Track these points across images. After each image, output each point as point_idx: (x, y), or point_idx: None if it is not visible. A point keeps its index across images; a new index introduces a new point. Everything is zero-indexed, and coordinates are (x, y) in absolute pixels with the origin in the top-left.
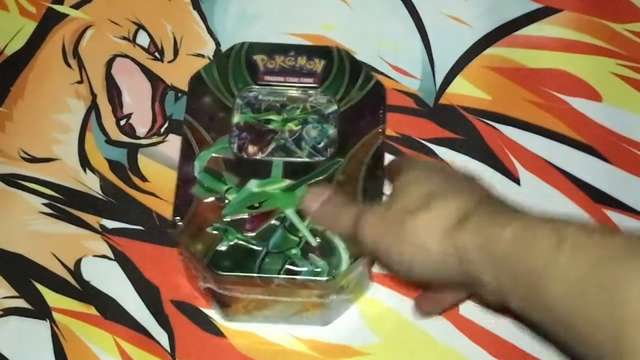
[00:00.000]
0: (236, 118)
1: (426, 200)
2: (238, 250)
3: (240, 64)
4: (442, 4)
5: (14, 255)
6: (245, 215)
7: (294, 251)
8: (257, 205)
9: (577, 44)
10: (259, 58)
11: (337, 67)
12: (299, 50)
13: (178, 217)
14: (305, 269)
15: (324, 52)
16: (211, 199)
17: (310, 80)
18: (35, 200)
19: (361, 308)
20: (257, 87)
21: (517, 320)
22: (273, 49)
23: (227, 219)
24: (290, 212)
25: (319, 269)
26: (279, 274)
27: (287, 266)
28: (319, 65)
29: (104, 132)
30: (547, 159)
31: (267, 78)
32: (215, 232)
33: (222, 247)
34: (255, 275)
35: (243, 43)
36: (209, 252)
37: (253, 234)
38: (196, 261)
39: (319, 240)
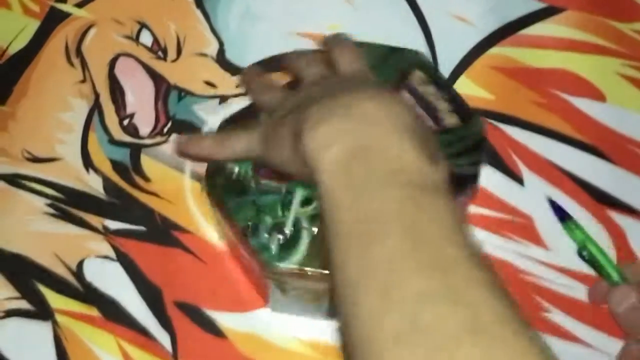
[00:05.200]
0: None
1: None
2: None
3: None
4: (446, 3)
5: (16, 256)
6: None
7: (268, 219)
8: None
9: (581, 43)
10: None
11: None
12: None
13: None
14: (263, 240)
15: None
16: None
17: None
18: (38, 200)
19: None
20: None
21: None
22: None
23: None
24: (298, 193)
25: (269, 248)
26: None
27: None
28: None
29: (107, 131)
30: (550, 159)
31: None
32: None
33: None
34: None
35: None
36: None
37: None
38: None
39: (292, 230)
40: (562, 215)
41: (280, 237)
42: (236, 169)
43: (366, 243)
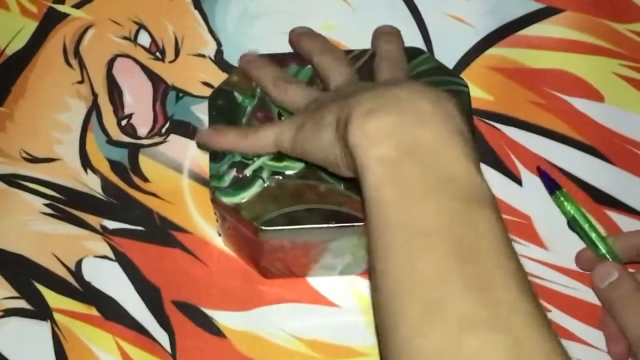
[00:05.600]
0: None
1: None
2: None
3: None
4: (443, 3)
5: (15, 256)
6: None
7: (237, 155)
8: None
9: (579, 44)
10: None
11: None
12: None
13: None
14: (221, 169)
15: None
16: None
17: None
18: (36, 200)
19: (362, 308)
20: None
21: None
22: None
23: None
24: None
25: (222, 178)
26: None
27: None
28: None
29: (105, 132)
30: (549, 159)
31: None
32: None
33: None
34: None
35: None
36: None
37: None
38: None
39: (250, 175)
40: (552, 186)
41: (236, 174)
42: (240, 98)
43: (412, 252)
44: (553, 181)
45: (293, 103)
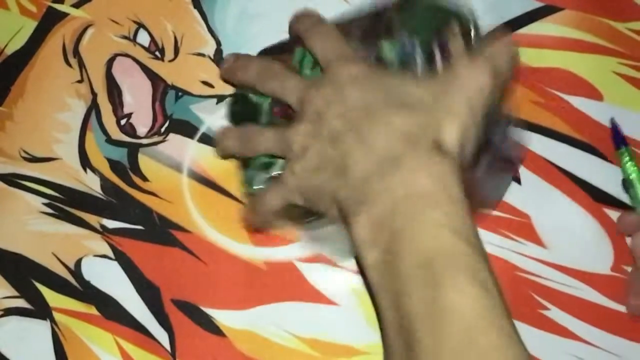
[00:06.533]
0: None
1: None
2: None
3: None
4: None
5: (14, 255)
6: None
7: (263, 157)
8: None
9: (579, 42)
10: None
11: None
12: None
13: None
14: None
15: None
16: None
17: None
18: (35, 200)
19: (362, 306)
20: None
21: None
22: None
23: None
24: None
25: (252, 183)
26: None
27: None
28: None
29: (105, 131)
30: (547, 158)
31: None
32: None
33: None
34: None
35: None
36: None
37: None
38: None
39: (278, 173)
40: (619, 141)
41: (265, 176)
42: (255, 98)
43: (409, 356)
44: (623, 138)
45: (267, 151)
